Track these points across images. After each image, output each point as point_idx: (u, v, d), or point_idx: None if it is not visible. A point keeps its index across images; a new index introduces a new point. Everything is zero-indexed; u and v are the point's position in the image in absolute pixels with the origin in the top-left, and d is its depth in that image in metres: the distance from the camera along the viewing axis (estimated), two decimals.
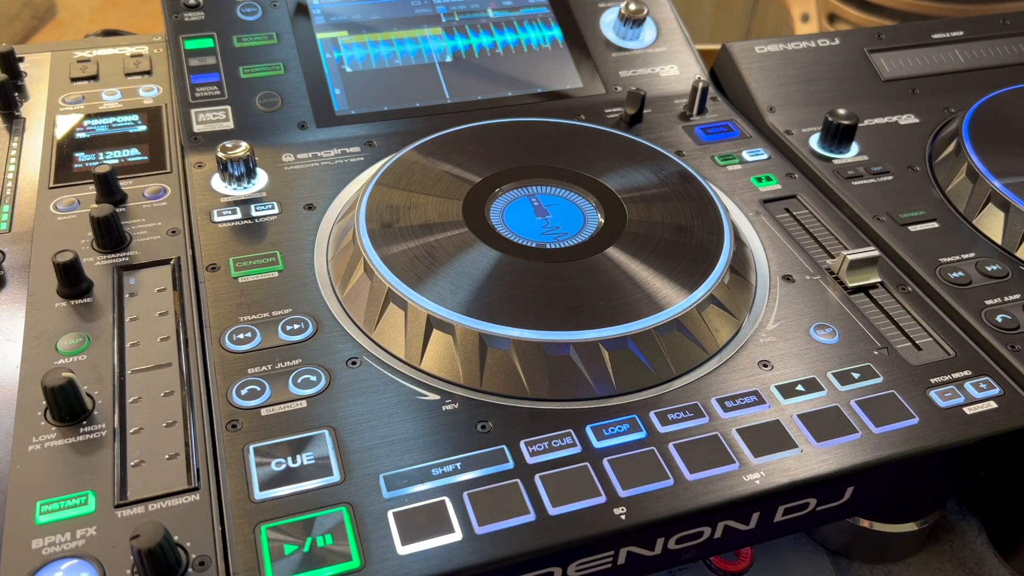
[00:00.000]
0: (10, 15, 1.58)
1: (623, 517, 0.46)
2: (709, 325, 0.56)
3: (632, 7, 0.85)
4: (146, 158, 0.71)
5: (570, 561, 0.46)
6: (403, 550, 0.43)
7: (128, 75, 0.81)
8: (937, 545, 0.64)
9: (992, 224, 0.68)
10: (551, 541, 0.45)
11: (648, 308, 0.55)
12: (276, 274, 0.60)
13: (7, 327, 0.56)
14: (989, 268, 0.64)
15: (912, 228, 0.68)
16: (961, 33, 0.91)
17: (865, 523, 0.60)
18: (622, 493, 0.47)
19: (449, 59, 0.82)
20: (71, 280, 0.57)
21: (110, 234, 0.61)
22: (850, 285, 0.62)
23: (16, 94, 0.77)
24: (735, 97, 0.85)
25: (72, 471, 0.47)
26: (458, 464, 0.48)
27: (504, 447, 0.49)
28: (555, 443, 0.49)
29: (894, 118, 0.81)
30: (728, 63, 0.86)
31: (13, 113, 0.76)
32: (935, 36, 0.90)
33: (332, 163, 0.71)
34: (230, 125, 0.74)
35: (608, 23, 0.87)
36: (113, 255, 0.61)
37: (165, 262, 0.61)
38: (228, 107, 0.75)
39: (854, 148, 0.77)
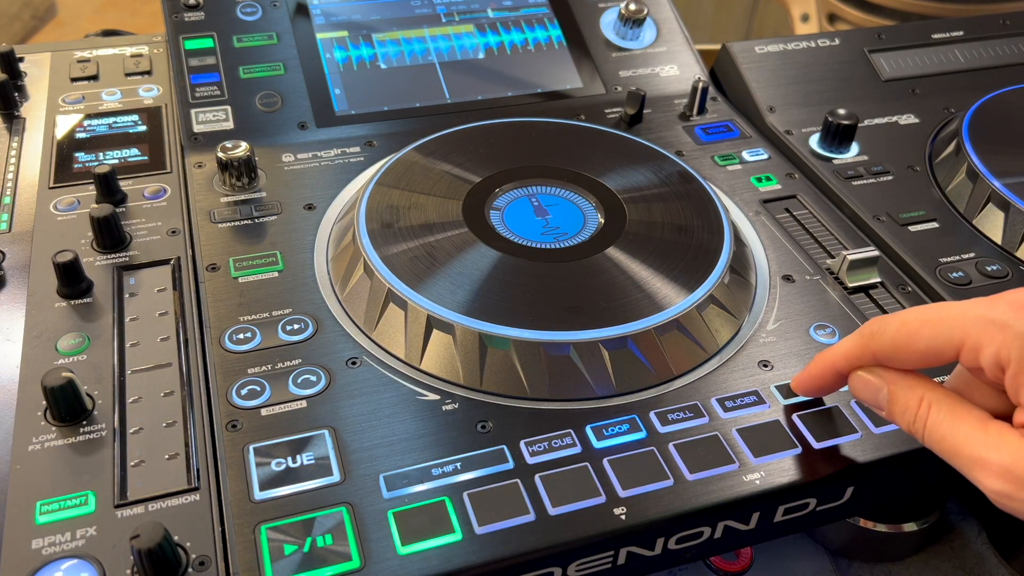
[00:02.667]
0: (10, 15, 1.58)
1: (623, 517, 0.46)
2: (709, 325, 0.56)
3: (632, 7, 0.85)
4: (146, 158, 0.71)
5: (570, 561, 0.46)
6: (403, 550, 0.43)
7: (128, 75, 0.81)
8: (937, 545, 0.64)
9: (992, 224, 0.68)
10: (551, 541, 0.45)
11: (648, 308, 0.55)
12: (276, 274, 0.60)
13: (7, 327, 0.56)
14: (989, 268, 0.64)
15: (912, 228, 0.68)
16: (961, 33, 0.91)
17: (865, 523, 0.60)
18: (622, 493, 0.47)
19: (449, 59, 0.82)
20: (71, 280, 0.57)
21: (110, 234, 0.61)
22: (850, 285, 0.62)
23: (16, 94, 0.77)
24: (735, 97, 0.85)
25: (72, 471, 0.47)
26: (458, 464, 0.48)
27: (504, 447, 0.49)
28: (555, 443, 0.49)
29: (894, 118, 0.81)
30: (728, 63, 0.86)
31: (13, 113, 0.76)
32: (935, 36, 0.90)
33: (332, 163, 0.71)
34: (230, 125, 0.74)
35: (608, 23, 0.87)
36: (113, 255, 0.61)
37: (165, 262, 0.61)
38: (228, 107, 0.75)
39: (854, 148, 0.77)
